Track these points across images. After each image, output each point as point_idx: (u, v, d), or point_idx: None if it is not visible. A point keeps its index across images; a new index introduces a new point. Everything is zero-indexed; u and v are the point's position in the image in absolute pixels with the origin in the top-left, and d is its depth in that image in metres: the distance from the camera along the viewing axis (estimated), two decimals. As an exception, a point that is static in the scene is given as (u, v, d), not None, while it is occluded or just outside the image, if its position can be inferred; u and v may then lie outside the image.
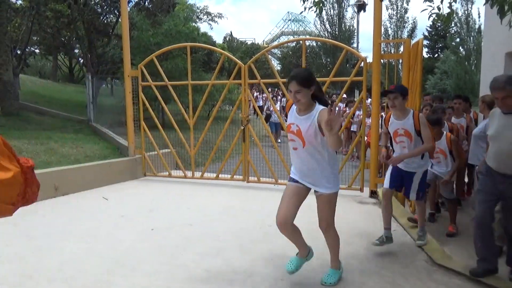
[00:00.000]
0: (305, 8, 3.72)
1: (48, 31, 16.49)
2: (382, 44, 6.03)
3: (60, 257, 3.76)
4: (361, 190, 6.22)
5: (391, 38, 30.87)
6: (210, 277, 3.39)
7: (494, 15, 5.19)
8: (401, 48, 6.01)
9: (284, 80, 7.16)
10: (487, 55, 5.59)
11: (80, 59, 21.66)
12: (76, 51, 22.68)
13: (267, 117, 12.59)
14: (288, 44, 34.49)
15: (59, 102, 15.18)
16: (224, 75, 17.88)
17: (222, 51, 7.29)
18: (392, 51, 21.86)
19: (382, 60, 5.95)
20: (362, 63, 6.09)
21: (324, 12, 29.99)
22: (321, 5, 3.63)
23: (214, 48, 8.67)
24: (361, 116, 7.39)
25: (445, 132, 4.67)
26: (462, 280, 3.40)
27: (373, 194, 6.06)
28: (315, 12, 3.96)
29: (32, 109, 11.97)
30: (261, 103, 15.51)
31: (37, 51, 25.97)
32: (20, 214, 5.08)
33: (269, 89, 19.01)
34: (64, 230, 4.52)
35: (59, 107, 13.41)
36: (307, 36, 33.59)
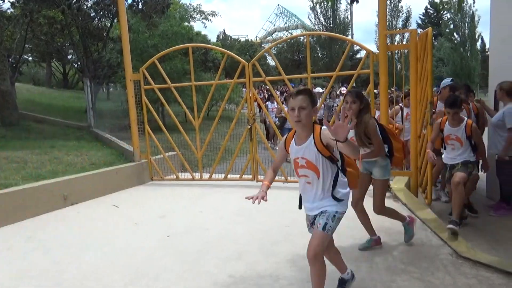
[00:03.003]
0: (320, 2, 3.63)
1: (42, 38, 16.30)
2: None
3: (80, 269, 3.69)
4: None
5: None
6: (236, 282, 3.33)
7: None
8: (395, 39, 5.93)
9: (289, 76, 7.10)
10: (496, 40, 5.52)
11: (75, 64, 21.48)
12: (70, 56, 22.53)
13: (281, 124, 10.46)
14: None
15: (56, 109, 15.05)
16: (222, 74, 17.78)
17: (225, 50, 7.19)
18: (391, 42, 21.77)
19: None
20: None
21: (317, 5, 30.06)
22: (333, -1, 3.55)
23: (218, 48, 8.56)
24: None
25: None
26: (490, 272, 3.35)
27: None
28: (326, 5, 3.87)
29: (31, 118, 11.84)
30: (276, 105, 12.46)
31: (30, 58, 25.77)
32: (31, 227, 5.02)
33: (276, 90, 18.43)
34: (79, 241, 4.44)
35: (57, 114, 13.29)
36: (303, 31, 33.46)
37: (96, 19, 15.49)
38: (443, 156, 4.84)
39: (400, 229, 4.41)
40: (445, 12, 31.95)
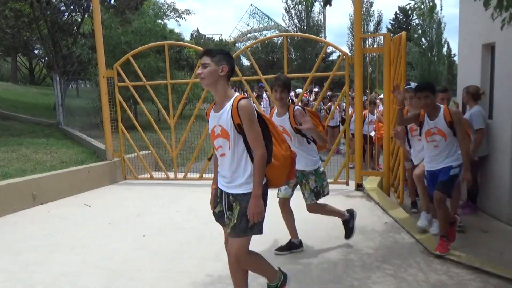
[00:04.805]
0: (295, 3, 3.67)
1: (8, 31, 15.67)
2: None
3: (52, 271, 3.57)
4: (347, 183, 6.28)
5: (356, 32, 31.36)
6: (214, 281, 3.32)
7: (470, 6, 5.36)
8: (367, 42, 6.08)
9: (266, 76, 7.13)
10: (464, 46, 5.74)
11: (42, 60, 20.72)
12: (37, 51, 21.75)
13: None
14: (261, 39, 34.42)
15: (23, 105, 14.50)
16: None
17: (202, 49, 7.13)
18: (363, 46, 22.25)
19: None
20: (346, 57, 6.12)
21: (292, 7, 30.29)
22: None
23: (194, 46, 8.51)
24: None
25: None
26: (460, 269, 3.49)
27: (359, 187, 6.13)
28: (302, 7, 3.92)
29: (-4, 114, 11.37)
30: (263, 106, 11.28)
31: (-7, 52, 24.69)
32: None
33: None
34: (50, 242, 4.30)
35: (24, 111, 12.81)
36: (277, 32, 33.66)
37: (66, 13, 15.03)
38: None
39: (374, 227, 4.53)
40: (414, 17, 32.90)
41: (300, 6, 30.44)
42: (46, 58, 18.68)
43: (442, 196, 3.71)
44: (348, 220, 4.03)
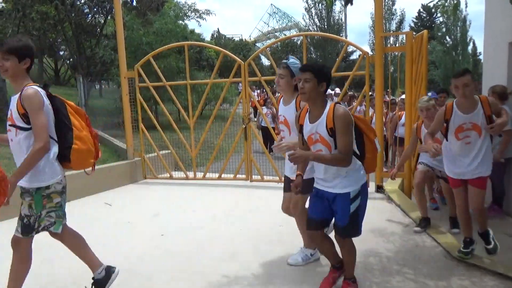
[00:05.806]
0: (315, 2, 3.63)
1: (34, 34, 16.12)
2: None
3: (71, 269, 3.63)
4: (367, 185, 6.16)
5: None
6: (230, 282, 3.31)
7: (496, 3, 5.19)
8: (389, 41, 5.96)
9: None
10: (490, 44, 5.56)
11: (67, 61, 21.24)
12: (61, 53, 22.32)
13: None
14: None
15: (48, 105, 14.88)
16: (216, 73, 17.76)
17: (221, 49, 7.17)
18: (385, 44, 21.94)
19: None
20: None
21: (312, 6, 30.16)
22: (331, -3, 3.55)
23: (213, 46, 8.56)
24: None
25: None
26: (484, 274, 3.37)
27: (379, 188, 6.02)
28: (323, 6, 3.87)
29: (22, 114, 11.68)
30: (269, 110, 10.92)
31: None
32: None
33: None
34: (70, 240, 4.38)
35: (49, 111, 13.13)
36: (297, 31, 33.56)
37: (90, 15, 15.38)
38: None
39: (395, 230, 4.43)
40: (438, 15, 32.23)
41: (320, 5, 30.31)
42: (71, 60, 19.15)
43: (347, 241, 2.93)
44: (100, 280, 3.04)
